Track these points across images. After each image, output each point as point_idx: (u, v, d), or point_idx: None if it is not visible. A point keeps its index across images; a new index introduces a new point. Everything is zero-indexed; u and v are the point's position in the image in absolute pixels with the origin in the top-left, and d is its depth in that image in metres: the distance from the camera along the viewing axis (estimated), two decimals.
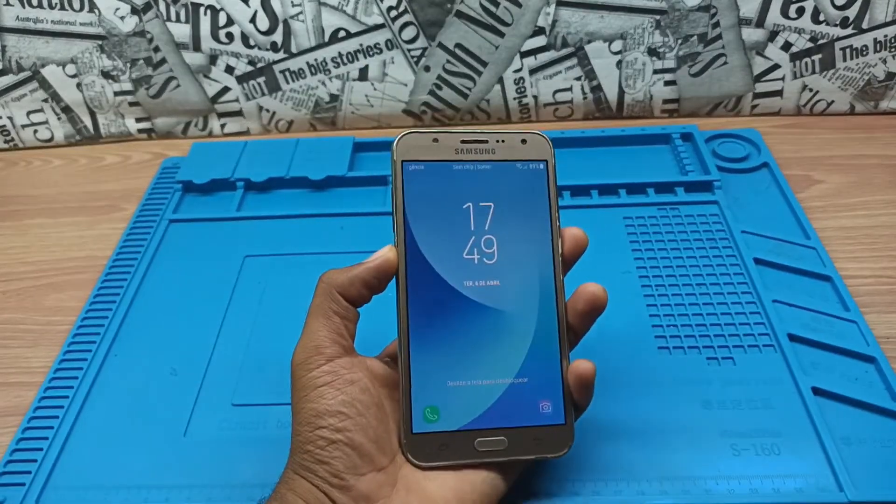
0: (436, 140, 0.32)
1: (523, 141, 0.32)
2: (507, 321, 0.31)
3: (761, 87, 0.63)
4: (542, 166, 0.32)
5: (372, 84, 0.64)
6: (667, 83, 0.63)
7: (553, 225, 0.32)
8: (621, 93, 0.64)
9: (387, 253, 0.31)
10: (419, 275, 0.31)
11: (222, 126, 0.67)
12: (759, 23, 0.59)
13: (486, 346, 0.31)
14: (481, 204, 0.32)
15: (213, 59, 0.63)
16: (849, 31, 0.59)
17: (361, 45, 0.62)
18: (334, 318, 0.31)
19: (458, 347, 0.31)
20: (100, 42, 0.62)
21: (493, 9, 0.59)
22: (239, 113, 0.66)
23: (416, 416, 0.30)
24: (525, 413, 0.31)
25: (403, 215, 0.31)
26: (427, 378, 0.30)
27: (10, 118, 0.66)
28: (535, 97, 0.64)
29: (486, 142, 0.32)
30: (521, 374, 0.31)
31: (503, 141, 0.32)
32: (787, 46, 0.60)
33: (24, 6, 0.60)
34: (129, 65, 0.63)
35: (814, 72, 0.61)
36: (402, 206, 0.31)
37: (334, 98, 0.65)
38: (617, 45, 0.61)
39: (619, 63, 0.62)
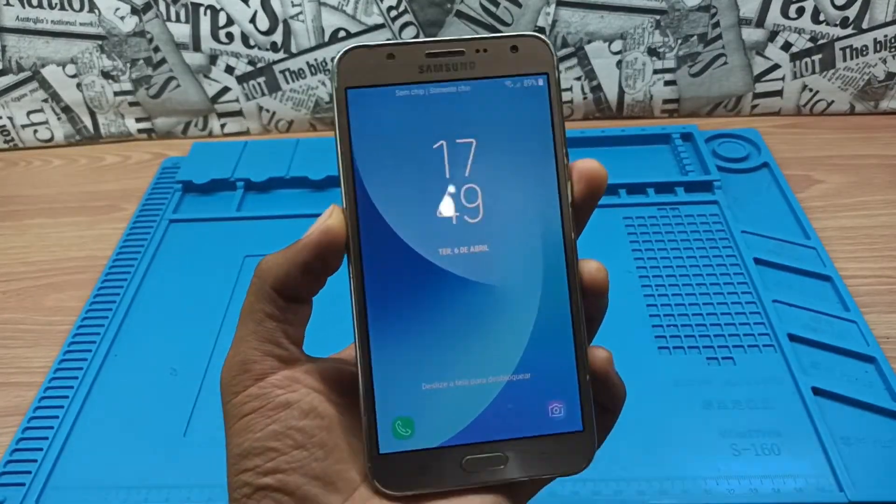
0: (391, 56, 0.24)
1: (514, 48, 0.24)
2: (499, 299, 0.24)
3: (761, 87, 0.63)
4: (540, 82, 0.24)
5: None
6: (667, 83, 0.63)
7: (559, 163, 0.24)
8: (621, 93, 0.64)
9: (326, 220, 0.23)
10: (377, 243, 0.23)
11: (222, 126, 0.67)
12: (759, 23, 0.59)
13: (474, 335, 0.24)
14: (459, 141, 0.24)
15: (213, 59, 0.63)
16: (849, 31, 0.59)
17: None
18: (266, 322, 0.23)
19: (434, 338, 0.24)
20: (100, 42, 0.62)
21: (492, 9, 0.59)
22: (239, 113, 0.66)
23: (384, 432, 0.23)
24: (529, 419, 0.24)
25: (351, 163, 0.23)
26: (395, 381, 0.23)
27: (10, 118, 0.65)
28: None
29: (462, 52, 0.24)
30: (521, 369, 0.24)
31: (485, 50, 0.24)
32: (787, 46, 0.60)
33: (24, 6, 0.60)
34: (129, 65, 0.63)
35: (814, 72, 0.61)
36: (350, 150, 0.24)
37: None
38: (617, 45, 0.61)
39: (619, 63, 0.62)
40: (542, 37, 0.24)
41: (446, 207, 0.24)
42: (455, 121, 0.24)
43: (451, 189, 0.24)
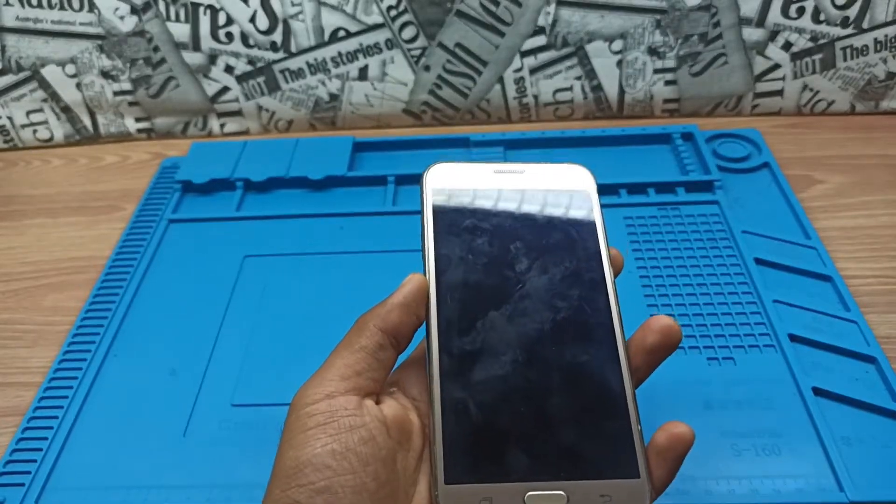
0: (467, 170, 0.32)
1: (562, 173, 0.33)
2: (557, 357, 0.28)
3: (762, 87, 0.63)
4: (584, 196, 0.32)
5: (372, 84, 0.64)
6: (667, 83, 0.63)
7: (602, 249, 0.30)
8: (622, 92, 0.64)
9: (412, 277, 0.28)
10: (450, 301, 0.28)
11: (222, 126, 0.67)
12: (760, 22, 0.59)
13: (536, 386, 0.27)
14: (519, 230, 0.30)
15: (212, 58, 0.63)
16: (849, 30, 0.59)
17: (361, 44, 0.62)
18: (359, 353, 0.26)
19: (499, 381, 0.27)
20: (99, 42, 0.62)
21: (493, 8, 0.59)
22: (238, 113, 0.66)
23: (451, 463, 0.25)
24: (589, 463, 0.26)
25: (434, 241, 0.30)
26: (463, 416, 0.26)
27: (10, 118, 0.65)
28: (536, 97, 0.64)
29: (523, 172, 0.32)
30: (582, 417, 0.27)
31: (540, 173, 0.32)
32: (787, 46, 0.60)
33: (23, 6, 0.60)
34: (128, 65, 0.63)
35: (814, 71, 0.61)
36: (433, 235, 0.30)
37: (334, 98, 0.65)
38: (617, 45, 0.61)
39: (619, 62, 0.62)
40: (584, 167, 0.33)
41: (511, 280, 0.29)
42: (515, 217, 0.31)
43: (515, 266, 0.29)
